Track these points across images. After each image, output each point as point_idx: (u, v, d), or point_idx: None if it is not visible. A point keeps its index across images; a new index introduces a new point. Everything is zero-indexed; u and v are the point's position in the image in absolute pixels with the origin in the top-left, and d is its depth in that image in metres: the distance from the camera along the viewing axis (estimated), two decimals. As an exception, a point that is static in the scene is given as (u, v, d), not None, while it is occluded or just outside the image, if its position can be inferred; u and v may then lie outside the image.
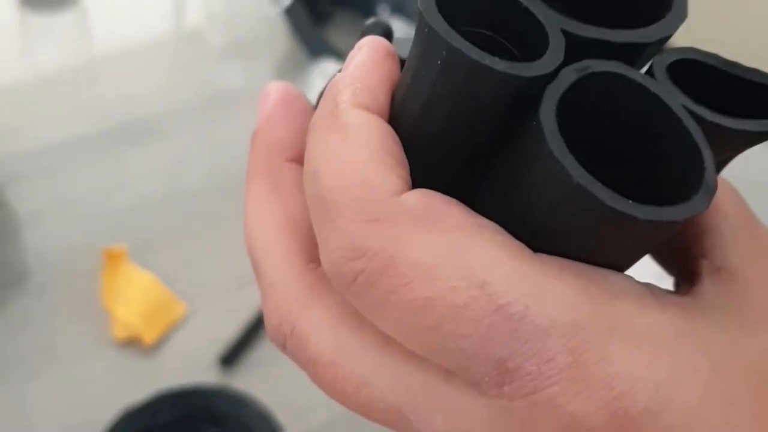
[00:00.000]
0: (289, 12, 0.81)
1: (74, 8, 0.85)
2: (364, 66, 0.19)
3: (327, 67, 0.73)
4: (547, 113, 0.16)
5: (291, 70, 0.82)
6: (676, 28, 0.18)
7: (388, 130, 0.19)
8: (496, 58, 0.17)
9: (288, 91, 0.24)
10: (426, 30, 0.17)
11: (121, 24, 0.85)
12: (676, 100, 0.17)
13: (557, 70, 0.17)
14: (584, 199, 0.16)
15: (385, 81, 0.19)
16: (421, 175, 0.19)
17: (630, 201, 0.16)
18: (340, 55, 0.79)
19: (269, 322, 0.20)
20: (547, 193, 0.17)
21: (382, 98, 0.19)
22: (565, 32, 0.18)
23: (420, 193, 0.18)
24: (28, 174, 0.68)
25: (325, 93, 0.20)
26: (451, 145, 0.19)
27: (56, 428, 0.53)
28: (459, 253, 0.16)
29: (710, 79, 0.19)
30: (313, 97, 0.75)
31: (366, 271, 0.17)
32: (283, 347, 0.20)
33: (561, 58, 0.17)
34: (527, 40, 0.18)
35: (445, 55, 0.17)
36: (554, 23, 0.18)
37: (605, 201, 0.15)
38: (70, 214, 0.66)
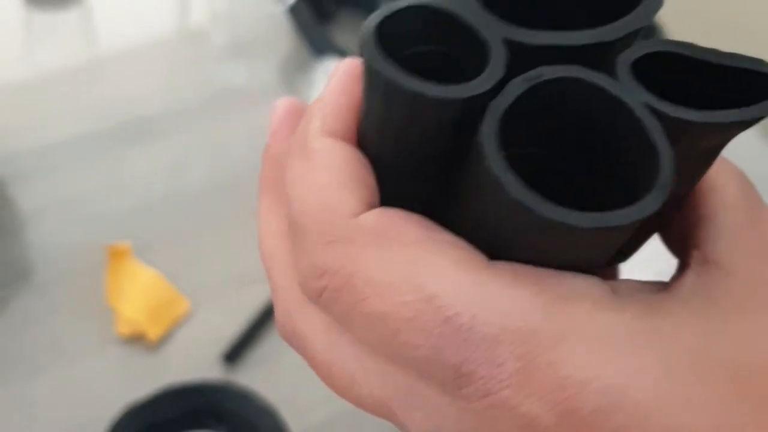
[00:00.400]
0: (293, 11, 0.81)
1: (78, 6, 0.85)
2: (334, 92, 0.21)
3: (331, 66, 0.73)
4: (488, 131, 0.17)
5: (294, 69, 0.83)
6: (647, 20, 0.18)
7: (354, 153, 0.20)
8: (431, 84, 0.17)
9: (293, 105, 0.25)
10: (366, 63, 0.18)
11: (125, 23, 0.85)
12: (637, 98, 0.17)
13: (504, 81, 0.17)
14: (523, 212, 0.16)
15: (353, 106, 0.21)
16: (393, 194, 0.20)
17: (572, 210, 0.16)
18: (344, 54, 0.79)
19: (277, 321, 0.22)
20: (492, 206, 0.17)
21: (351, 122, 0.21)
22: (513, 42, 0.18)
23: (378, 212, 0.19)
24: (31, 172, 0.69)
25: (301, 121, 0.22)
26: (410, 164, 0.20)
27: (61, 425, 0.54)
28: (410, 268, 0.18)
29: (688, 69, 0.19)
30: (316, 96, 0.75)
31: (328, 288, 0.19)
32: (289, 343, 0.22)
33: (500, 73, 0.17)
34: (475, 54, 0.18)
35: (384, 86, 0.18)
36: (497, 35, 0.18)
37: (543, 213, 0.16)
38: (73, 212, 0.66)
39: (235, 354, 0.58)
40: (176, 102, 0.77)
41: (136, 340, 0.58)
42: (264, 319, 0.60)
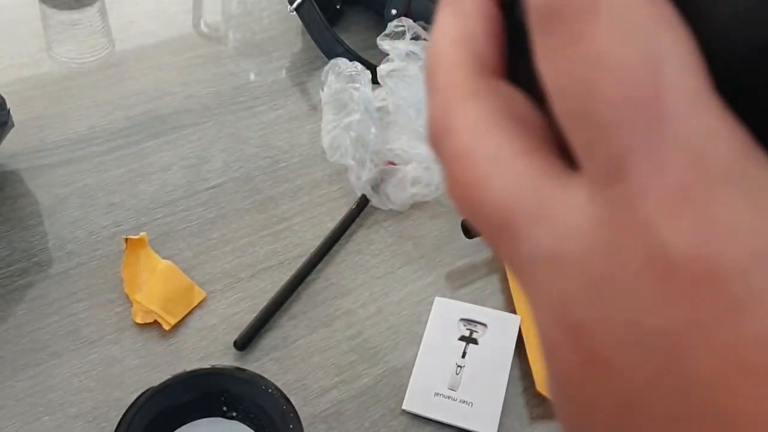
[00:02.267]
0: (302, 11, 0.83)
1: (93, 6, 0.87)
2: None
3: (339, 65, 0.75)
4: None
5: (305, 68, 0.85)
6: None
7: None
8: None
9: None
10: None
11: (140, 21, 0.87)
12: None
13: None
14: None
15: None
16: None
17: None
18: (352, 53, 0.81)
19: (430, 118, 0.21)
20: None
21: None
22: None
23: None
24: (52, 164, 0.71)
25: None
26: None
27: (81, 407, 0.56)
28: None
29: None
30: (325, 96, 0.77)
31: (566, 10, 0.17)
32: (434, 144, 0.21)
33: None
34: None
35: None
36: None
37: None
38: (91, 204, 0.68)
39: (246, 342, 0.60)
40: (192, 98, 0.79)
41: (152, 327, 0.60)
42: (274, 308, 0.62)
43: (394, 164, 0.71)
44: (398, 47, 0.75)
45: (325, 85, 0.75)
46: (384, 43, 0.76)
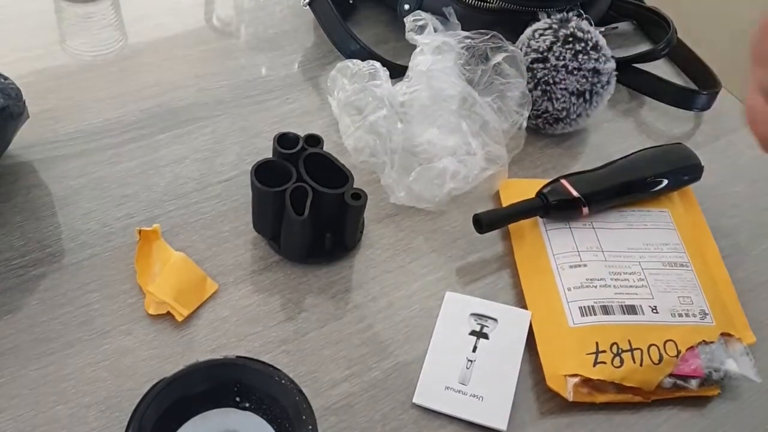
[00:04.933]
0: (315, 5, 0.84)
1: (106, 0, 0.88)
2: None
3: (350, 66, 0.75)
4: None
5: (318, 62, 0.85)
6: None
7: None
8: None
9: None
10: None
11: (154, 15, 0.88)
12: None
13: None
14: None
15: None
16: None
17: None
18: (364, 48, 0.81)
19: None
20: None
21: None
22: None
23: None
24: (66, 156, 0.71)
25: None
26: None
27: (94, 397, 0.56)
28: None
29: None
30: (337, 88, 0.77)
31: None
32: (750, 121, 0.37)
33: None
34: None
35: None
36: None
37: None
38: (106, 196, 0.69)
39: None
40: (204, 91, 0.80)
41: (165, 318, 0.61)
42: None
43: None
44: (430, 40, 0.74)
45: (334, 90, 0.75)
46: (416, 37, 0.75)
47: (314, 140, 0.66)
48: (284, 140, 0.65)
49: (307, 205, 0.61)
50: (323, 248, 0.66)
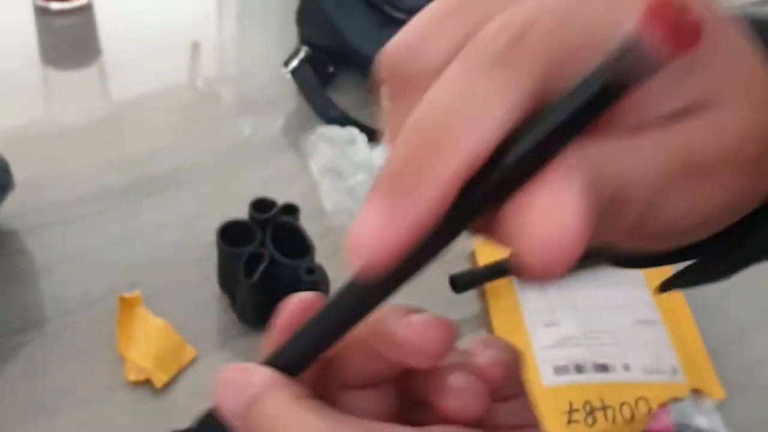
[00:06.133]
0: (296, 73, 0.86)
1: (93, 66, 0.90)
2: None
3: (327, 133, 0.77)
4: None
5: (299, 128, 0.86)
6: None
7: None
8: None
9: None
10: None
11: (138, 82, 0.90)
12: None
13: None
14: None
15: None
16: None
17: None
18: (346, 117, 0.83)
19: None
20: None
21: None
22: None
23: None
24: (49, 223, 0.72)
25: None
26: None
27: (72, 465, 0.57)
28: None
29: None
30: (318, 154, 0.78)
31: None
32: None
33: None
34: None
35: None
36: None
37: None
38: (86, 263, 0.70)
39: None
40: (187, 157, 0.81)
41: (144, 385, 0.62)
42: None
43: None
44: None
45: (315, 154, 0.77)
46: None
47: (290, 209, 0.67)
48: (259, 205, 0.66)
49: (259, 270, 0.62)
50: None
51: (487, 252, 0.74)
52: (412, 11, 0.23)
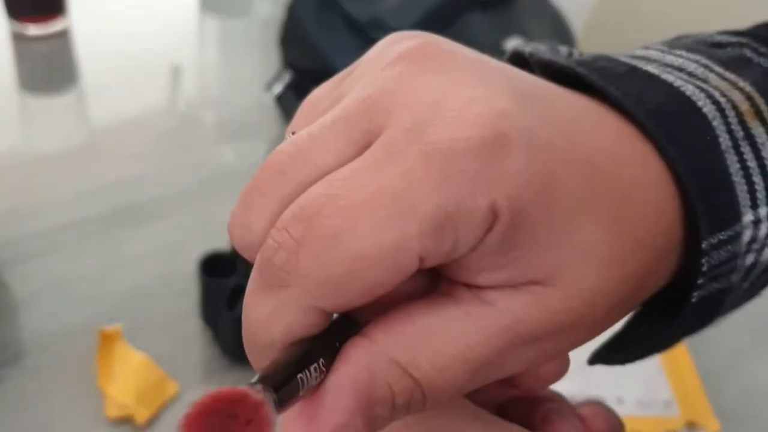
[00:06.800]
0: (280, 99, 0.85)
1: (71, 93, 0.88)
2: None
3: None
4: None
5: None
6: None
7: None
8: None
9: None
10: None
11: (119, 108, 0.89)
12: None
13: None
14: None
15: None
16: None
17: None
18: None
19: None
20: None
21: None
22: None
23: None
24: (26, 255, 0.71)
25: None
26: None
27: (51, 508, 0.55)
28: None
29: None
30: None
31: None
32: None
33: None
34: None
35: None
36: None
37: None
38: (66, 296, 0.68)
39: None
40: (168, 184, 0.80)
41: (125, 422, 0.60)
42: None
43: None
44: None
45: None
46: None
47: None
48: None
49: (240, 302, 0.61)
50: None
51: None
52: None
